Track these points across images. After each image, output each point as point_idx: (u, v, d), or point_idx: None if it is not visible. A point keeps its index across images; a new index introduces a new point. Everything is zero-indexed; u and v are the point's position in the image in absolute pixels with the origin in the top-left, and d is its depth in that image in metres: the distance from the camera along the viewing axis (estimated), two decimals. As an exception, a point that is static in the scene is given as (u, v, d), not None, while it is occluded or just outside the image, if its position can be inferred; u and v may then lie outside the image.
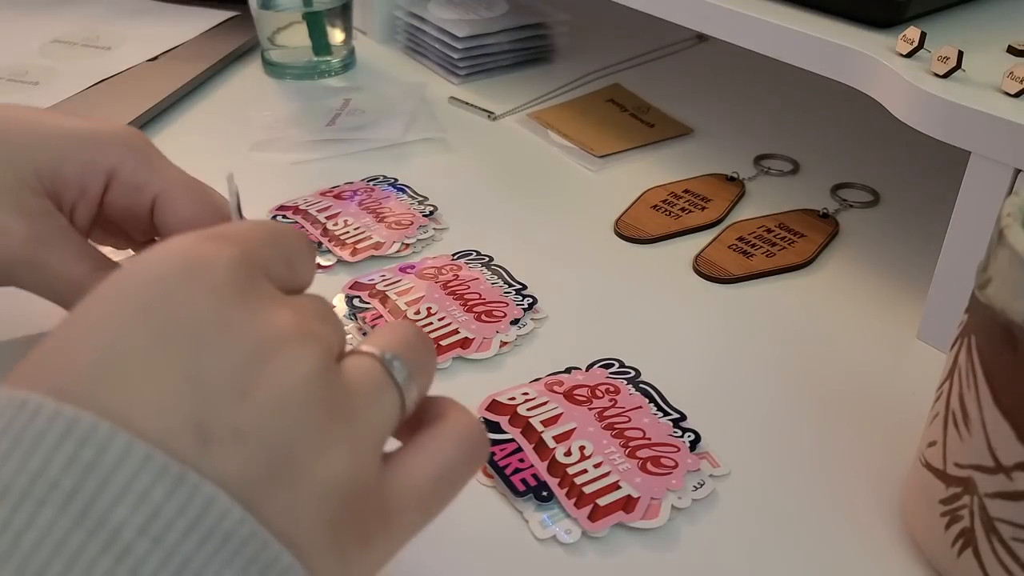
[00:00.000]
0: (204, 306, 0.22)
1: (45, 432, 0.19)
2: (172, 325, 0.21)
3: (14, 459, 0.19)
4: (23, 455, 0.19)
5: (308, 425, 0.22)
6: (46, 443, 0.19)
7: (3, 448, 0.19)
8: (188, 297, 0.22)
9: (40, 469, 0.19)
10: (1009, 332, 0.27)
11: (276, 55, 0.71)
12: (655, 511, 0.34)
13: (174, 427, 0.20)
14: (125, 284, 0.22)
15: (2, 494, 0.18)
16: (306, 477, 0.22)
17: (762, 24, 0.48)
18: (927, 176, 0.59)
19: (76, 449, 0.19)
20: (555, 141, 0.63)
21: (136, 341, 0.21)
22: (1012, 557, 0.29)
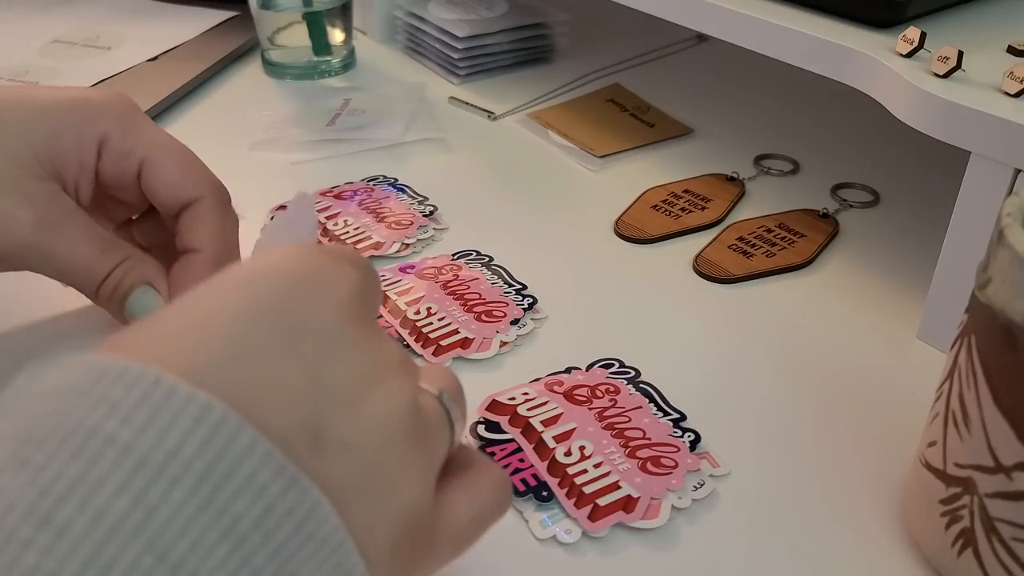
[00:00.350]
0: (330, 318, 0.23)
1: (180, 413, 0.20)
2: (301, 330, 0.23)
3: (151, 433, 0.19)
4: (159, 431, 0.19)
5: (400, 449, 0.24)
6: (181, 424, 0.19)
7: (140, 420, 0.19)
8: (316, 306, 0.23)
9: (175, 448, 0.19)
10: (1009, 332, 0.27)
11: (276, 55, 0.71)
12: (655, 511, 0.34)
13: (293, 428, 0.21)
14: (255, 282, 0.23)
15: (139, 466, 0.19)
16: (389, 496, 0.23)
17: (762, 24, 0.48)
18: (927, 176, 0.59)
19: (209, 435, 0.20)
20: (555, 141, 0.63)
21: (267, 339, 0.22)
22: (1012, 557, 0.29)
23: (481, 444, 0.37)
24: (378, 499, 0.23)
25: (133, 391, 0.20)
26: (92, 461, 0.19)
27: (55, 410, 0.19)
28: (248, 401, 0.21)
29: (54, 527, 0.18)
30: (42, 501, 0.18)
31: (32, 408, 0.20)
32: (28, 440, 0.19)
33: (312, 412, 0.22)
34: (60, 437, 0.19)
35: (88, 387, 0.20)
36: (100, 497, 0.18)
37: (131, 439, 0.19)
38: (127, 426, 0.19)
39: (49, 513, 0.18)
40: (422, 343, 0.43)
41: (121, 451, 0.19)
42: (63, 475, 0.18)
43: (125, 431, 0.19)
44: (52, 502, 0.18)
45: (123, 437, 0.19)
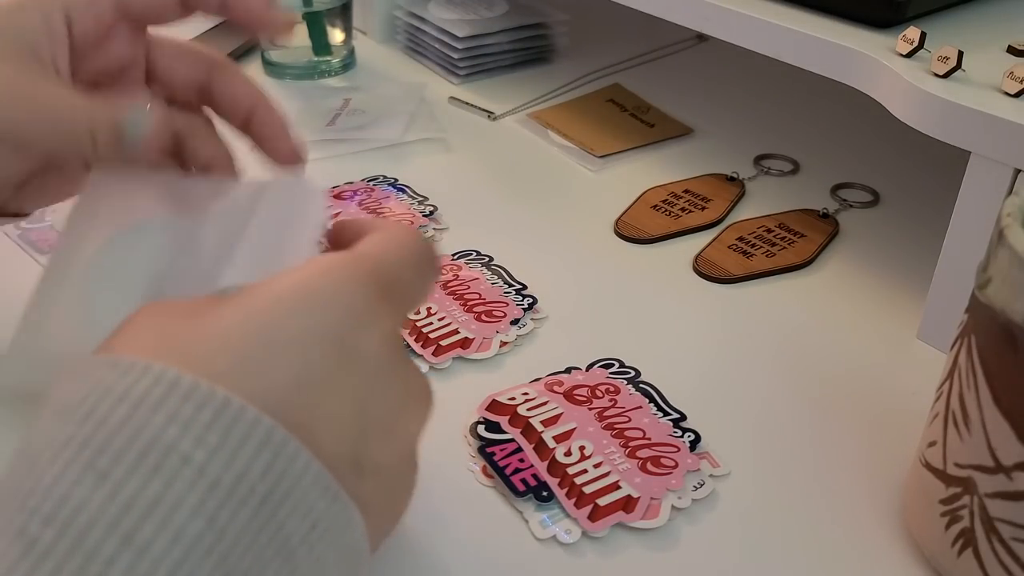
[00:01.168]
0: (377, 350, 0.25)
1: (248, 436, 0.21)
2: (354, 360, 0.24)
3: (222, 455, 0.20)
4: (230, 454, 0.21)
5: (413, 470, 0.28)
6: (248, 448, 0.21)
7: (212, 441, 0.20)
8: (368, 338, 0.25)
9: (243, 471, 0.21)
10: (1009, 332, 0.27)
11: (276, 55, 0.71)
12: (655, 511, 0.34)
13: (341, 454, 0.23)
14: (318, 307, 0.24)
15: (212, 488, 0.20)
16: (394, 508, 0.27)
17: (762, 24, 0.48)
18: (927, 176, 0.59)
19: (272, 459, 0.21)
20: (555, 141, 0.63)
21: (325, 368, 0.23)
22: (1012, 557, 0.29)
23: (481, 444, 0.37)
24: (387, 511, 0.26)
25: (204, 411, 0.21)
26: (170, 481, 0.20)
27: (127, 421, 0.20)
28: (306, 428, 0.22)
29: (136, 546, 0.19)
30: (124, 519, 0.19)
31: (101, 411, 0.21)
32: (103, 450, 0.20)
33: (358, 441, 0.24)
34: (137, 452, 0.20)
35: (158, 401, 0.21)
36: (178, 517, 0.19)
37: (204, 460, 0.20)
38: (201, 447, 0.20)
39: (131, 531, 0.19)
40: (422, 343, 0.43)
41: (196, 472, 0.20)
42: (143, 494, 0.19)
43: (199, 452, 0.20)
44: (134, 520, 0.19)
45: (198, 458, 0.20)
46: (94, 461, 0.20)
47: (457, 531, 0.34)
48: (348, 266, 0.26)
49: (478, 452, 0.37)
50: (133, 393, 0.21)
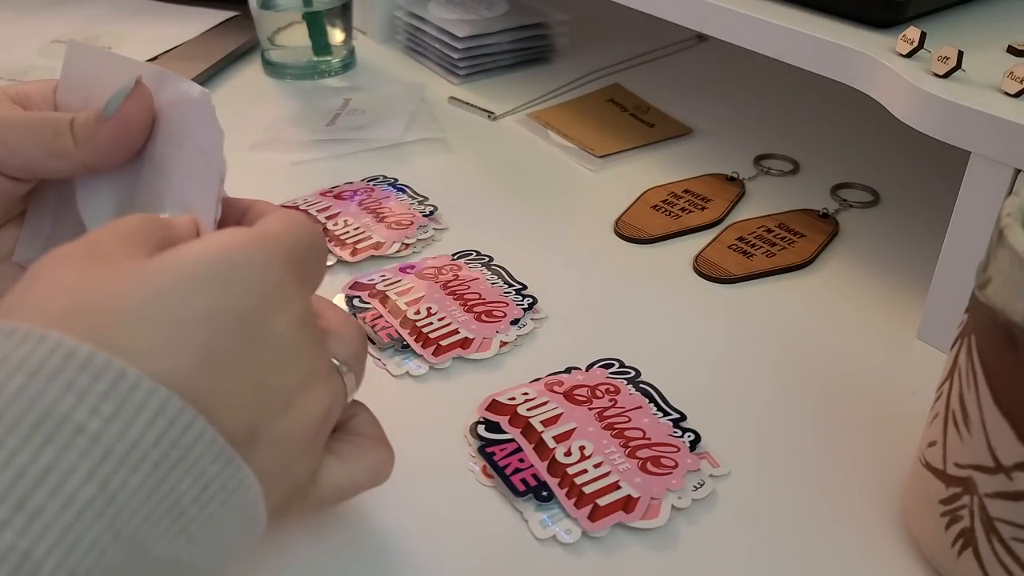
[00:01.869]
0: (283, 331, 0.26)
1: (143, 406, 0.22)
2: (260, 339, 0.25)
3: (116, 425, 0.21)
4: (124, 423, 0.21)
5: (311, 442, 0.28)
6: (143, 417, 0.22)
7: (107, 411, 0.21)
8: (275, 319, 0.26)
9: (137, 439, 0.22)
10: (1009, 332, 0.27)
11: (276, 55, 0.71)
12: (655, 511, 0.34)
13: (239, 426, 0.24)
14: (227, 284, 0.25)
15: (104, 456, 0.21)
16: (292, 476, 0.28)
17: (762, 24, 0.48)
18: (927, 176, 0.59)
19: (166, 427, 0.22)
20: (555, 141, 0.63)
21: (231, 348, 0.24)
22: (1012, 557, 0.29)
23: (481, 444, 0.37)
24: (285, 479, 0.27)
25: (100, 381, 0.21)
26: (63, 449, 0.21)
27: (23, 390, 0.21)
28: (206, 404, 0.23)
29: (28, 510, 0.20)
30: (17, 485, 0.20)
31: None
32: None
33: (255, 415, 0.25)
34: (32, 422, 0.21)
35: (55, 370, 0.21)
36: (70, 484, 0.20)
37: (98, 429, 0.21)
38: (96, 416, 0.21)
39: (24, 498, 0.20)
40: (422, 343, 0.43)
41: (89, 440, 0.21)
42: (37, 461, 0.20)
43: (94, 421, 0.21)
44: (27, 486, 0.20)
45: (92, 427, 0.21)
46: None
47: (457, 531, 0.34)
48: (260, 243, 0.26)
49: (478, 452, 0.37)
50: (29, 363, 0.21)
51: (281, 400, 0.26)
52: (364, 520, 0.34)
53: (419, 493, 0.36)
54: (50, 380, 0.21)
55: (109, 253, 0.26)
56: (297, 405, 0.27)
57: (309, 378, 0.27)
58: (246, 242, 0.26)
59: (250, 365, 0.25)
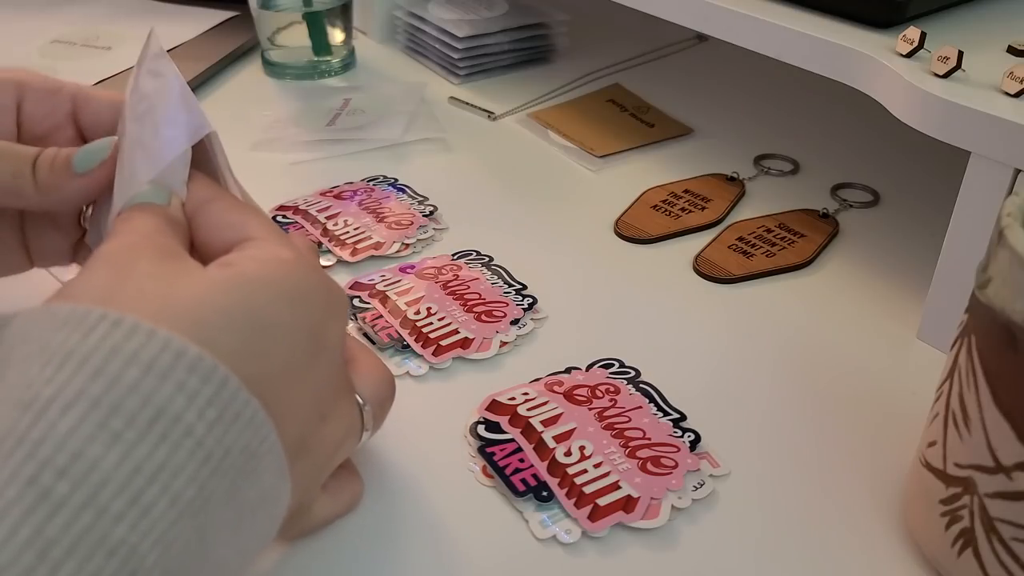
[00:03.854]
0: (336, 344, 0.27)
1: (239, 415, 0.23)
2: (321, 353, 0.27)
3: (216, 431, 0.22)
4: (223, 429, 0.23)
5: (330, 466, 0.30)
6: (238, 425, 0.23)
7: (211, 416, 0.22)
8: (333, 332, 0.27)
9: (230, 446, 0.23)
10: (1009, 332, 0.27)
11: (276, 55, 0.71)
12: (655, 511, 0.34)
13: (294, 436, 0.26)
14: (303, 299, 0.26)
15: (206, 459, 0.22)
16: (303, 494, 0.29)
17: (762, 24, 0.48)
18: (927, 176, 0.59)
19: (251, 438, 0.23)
20: (555, 141, 0.63)
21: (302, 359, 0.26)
22: (1012, 557, 0.29)
23: (481, 444, 0.37)
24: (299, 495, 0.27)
25: (208, 385, 0.22)
26: (174, 448, 0.21)
27: (138, 385, 0.21)
28: (277, 412, 0.24)
29: (141, 506, 0.20)
30: (134, 480, 0.20)
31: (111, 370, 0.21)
32: (116, 411, 0.21)
33: (306, 425, 0.26)
34: (148, 418, 0.21)
35: (167, 369, 0.22)
36: (177, 483, 0.21)
37: (204, 433, 0.22)
38: (202, 420, 0.22)
39: (139, 493, 0.20)
40: (422, 343, 0.43)
41: (196, 443, 0.22)
42: (152, 458, 0.21)
43: (200, 425, 0.22)
44: (141, 483, 0.21)
45: (199, 430, 0.22)
46: (107, 421, 0.21)
47: (457, 531, 0.34)
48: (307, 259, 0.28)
49: (478, 452, 0.37)
50: (142, 357, 0.22)
51: (323, 413, 0.27)
52: (364, 520, 0.34)
53: (419, 493, 0.36)
54: (163, 378, 0.22)
55: (167, 245, 0.27)
56: (330, 419, 0.28)
57: (340, 394, 0.28)
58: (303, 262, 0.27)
59: (313, 375, 0.26)
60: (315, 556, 0.33)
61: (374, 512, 0.35)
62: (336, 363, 0.28)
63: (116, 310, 0.23)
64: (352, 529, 0.34)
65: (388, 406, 0.33)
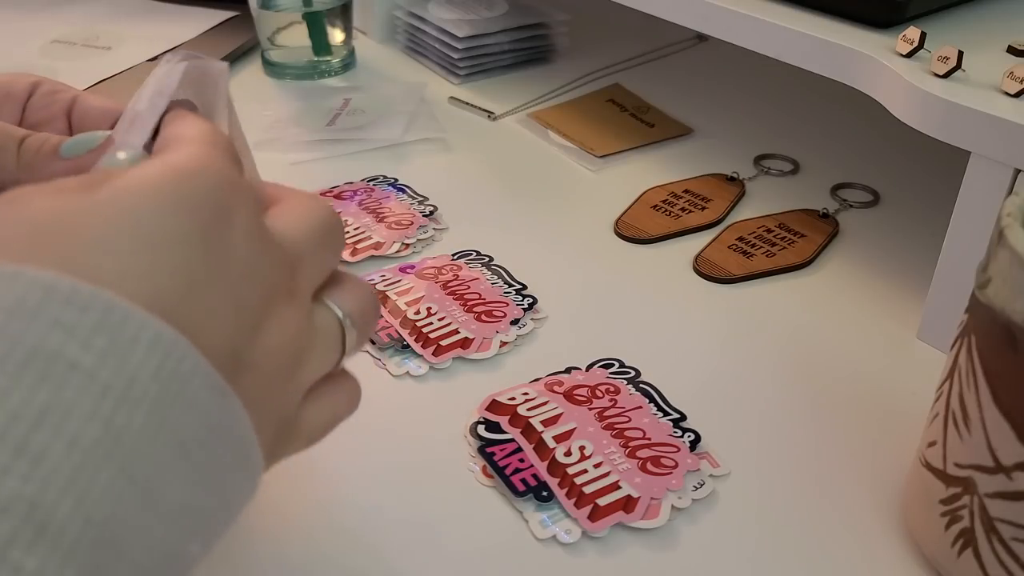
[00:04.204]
0: (246, 244, 0.24)
1: (136, 339, 0.21)
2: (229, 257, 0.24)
3: (111, 360, 0.20)
4: (120, 358, 0.20)
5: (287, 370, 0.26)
6: (138, 350, 0.20)
7: (100, 345, 0.20)
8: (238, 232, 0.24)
9: (135, 374, 0.20)
10: (1009, 332, 0.27)
11: (276, 55, 0.71)
12: (655, 511, 0.34)
13: (223, 349, 0.23)
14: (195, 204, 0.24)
15: (104, 392, 0.20)
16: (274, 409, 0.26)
17: (762, 24, 0.48)
18: (927, 176, 0.59)
19: (162, 360, 0.21)
20: (555, 141, 0.63)
21: (206, 268, 0.23)
22: (1012, 557, 0.29)
23: (481, 444, 0.37)
24: (267, 410, 0.25)
25: (88, 315, 0.20)
26: (59, 387, 0.19)
27: (3, 330, 0.19)
28: (191, 330, 0.22)
29: (30, 455, 0.18)
30: (14, 427, 0.18)
31: None
32: None
33: (235, 337, 0.24)
34: (19, 360, 0.19)
35: (36, 306, 0.20)
36: (72, 424, 0.19)
37: (93, 365, 0.20)
38: (88, 352, 0.20)
39: (23, 440, 0.18)
40: (422, 343, 0.43)
41: (86, 377, 0.20)
42: (31, 402, 0.19)
43: (87, 357, 0.20)
44: (25, 429, 0.18)
45: (86, 363, 0.20)
46: None
47: (457, 531, 0.34)
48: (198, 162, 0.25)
49: (478, 452, 0.37)
50: (5, 301, 0.20)
51: (252, 320, 0.25)
52: (364, 519, 0.34)
53: (419, 493, 0.36)
54: (33, 317, 0.20)
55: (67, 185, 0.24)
56: (266, 326, 0.25)
57: (271, 296, 0.25)
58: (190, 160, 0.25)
59: (225, 283, 0.24)
60: (315, 556, 0.33)
61: (374, 512, 0.35)
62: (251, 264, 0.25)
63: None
64: (352, 528, 0.34)
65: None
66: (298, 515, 0.34)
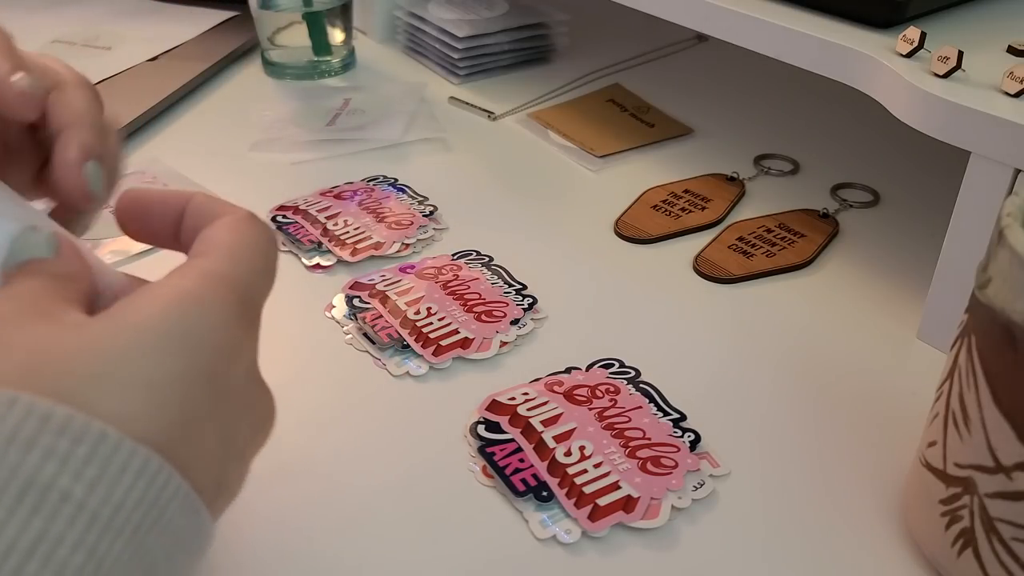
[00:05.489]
0: (243, 384, 0.26)
1: (125, 467, 0.22)
2: (224, 395, 0.25)
3: (100, 490, 0.21)
4: (108, 487, 0.21)
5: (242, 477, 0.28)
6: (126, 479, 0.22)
7: (90, 476, 0.21)
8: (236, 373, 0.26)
9: (120, 502, 0.21)
10: (1009, 332, 0.27)
11: (276, 55, 0.71)
12: (655, 511, 0.34)
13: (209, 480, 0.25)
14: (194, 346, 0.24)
15: (91, 522, 0.21)
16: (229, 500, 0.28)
17: (762, 24, 0.48)
18: (927, 176, 0.59)
19: (146, 487, 0.22)
20: (555, 141, 0.63)
21: (200, 406, 0.24)
22: (1012, 557, 0.29)
23: (481, 444, 0.37)
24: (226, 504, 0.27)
25: (81, 445, 0.21)
26: (51, 518, 0.20)
27: (2, 460, 0.20)
28: (182, 464, 0.23)
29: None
30: (10, 557, 0.20)
31: None
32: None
33: (220, 468, 0.25)
34: (16, 492, 0.20)
35: (32, 436, 0.21)
36: (60, 553, 0.20)
37: (84, 495, 0.21)
38: (79, 482, 0.21)
39: (17, 570, 0.20)
40: (422, 343, 0.43)
41: (76, 508, 0.21)
42: (26, 532, 0.20)
43: (78, 487, 0.21)
44: (18, 560, 0.20)
45: (77, 494, 0.21)
46: None
47: (457, 531, 0.34)
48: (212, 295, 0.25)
49: (478, 452, 0.37)
50: (3, 429, 0.21)
51: (238, 452, 0.26)
52: (363, 519, 0.34)
53: (419, 493, 0.36)
54: (29, 447, 0.21)
55: (48, 309, 0.25)
56: (247, 455, 0.27)
57: (258, 428, 0.27)
58: (198, 296, 0.25)
59: (216, 420, 0.25)
60: (315, 555, 0.33)
61: (374, 511, 0.35)
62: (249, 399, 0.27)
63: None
64: (351, 528, 0.34)
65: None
66: (298, 515, 0.34)
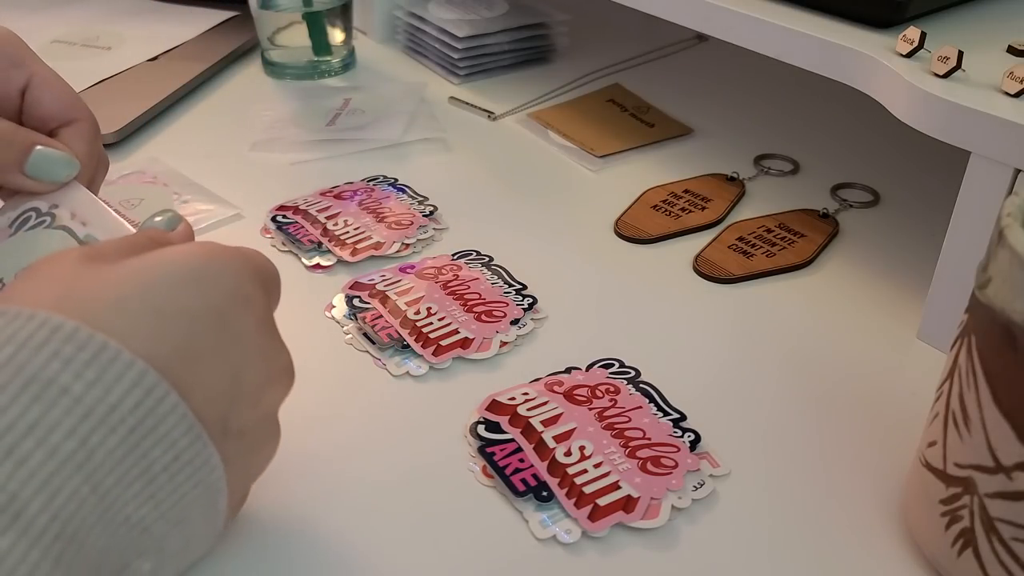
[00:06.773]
0: (253, 330, 0.29)
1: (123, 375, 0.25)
2: (234, 338, 0.28)
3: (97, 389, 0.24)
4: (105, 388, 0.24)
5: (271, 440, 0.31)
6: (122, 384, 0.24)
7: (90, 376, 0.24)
8: (247, 319, 0.29)
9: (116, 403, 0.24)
10: (1009, 332, 0.27)
11: (276, 55, 0.71)
12: (655, 511, 0.34)
13: (213, 415, 0.27)
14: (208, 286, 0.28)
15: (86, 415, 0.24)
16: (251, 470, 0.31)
17: (762, 24, 0.48)
18: (927, 176, 0.59)
19: (142, 396, 0.25)
20: (555, 141, 0.63)
21: (208, 343, 0.27)
22: (1012, 557, 0.29)
23: (481, 444, 0.37)
24: (246, 473, 0.30)
25: (84, 351, 0.24)
26: (49, 407, 0.23)
27: (12, 359, 0.24)
28: (182, 391, 0.26)
29: (16, 457, 0.22)
30: (7, 436, 0.23)
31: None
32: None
33: (227, 407, 0.27)
34: (21, 384, 0.23)
35: (42, 341, 0.24)
36: (54, 437, 0.23)
37: (81, 392, 0.24)
38: (79, 380, 0.24)
39: (13, 446, 0.23)
40: (422, 343, 0.43)
41: (73, 400, 0.24)
42: (24, 416, 0.23)
43: (77, 384, 0.24)
44: (15, 437, 0.23)
45: (75, 389, 0.24)
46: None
47: (457, 531, 0.34)
48: (235, 253, 0.29)
49: (478, 452, 0.37)
50: (19, 336, 0.24)
51: (250, 395, 0.28)
52: (363, 519, 0.34)
53: (419, 493, 0.36)
54: (38, 349, 0.24)
55: (108, 254, 0.28)
56: (262, 401, 0.29)
57: (272, 377, 0.30)
58: (221, 252, 0.29)
59: (224, 359, 0.27)
60: (315, 555, 0.33)
61: (374, 511, 0.35)
62: (261, 347, 0.29)
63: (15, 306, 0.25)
64: (351, 528, 0.34)
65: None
66: (298, 514, 0.34)
